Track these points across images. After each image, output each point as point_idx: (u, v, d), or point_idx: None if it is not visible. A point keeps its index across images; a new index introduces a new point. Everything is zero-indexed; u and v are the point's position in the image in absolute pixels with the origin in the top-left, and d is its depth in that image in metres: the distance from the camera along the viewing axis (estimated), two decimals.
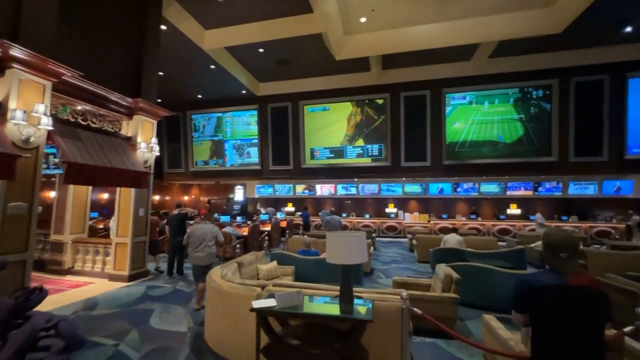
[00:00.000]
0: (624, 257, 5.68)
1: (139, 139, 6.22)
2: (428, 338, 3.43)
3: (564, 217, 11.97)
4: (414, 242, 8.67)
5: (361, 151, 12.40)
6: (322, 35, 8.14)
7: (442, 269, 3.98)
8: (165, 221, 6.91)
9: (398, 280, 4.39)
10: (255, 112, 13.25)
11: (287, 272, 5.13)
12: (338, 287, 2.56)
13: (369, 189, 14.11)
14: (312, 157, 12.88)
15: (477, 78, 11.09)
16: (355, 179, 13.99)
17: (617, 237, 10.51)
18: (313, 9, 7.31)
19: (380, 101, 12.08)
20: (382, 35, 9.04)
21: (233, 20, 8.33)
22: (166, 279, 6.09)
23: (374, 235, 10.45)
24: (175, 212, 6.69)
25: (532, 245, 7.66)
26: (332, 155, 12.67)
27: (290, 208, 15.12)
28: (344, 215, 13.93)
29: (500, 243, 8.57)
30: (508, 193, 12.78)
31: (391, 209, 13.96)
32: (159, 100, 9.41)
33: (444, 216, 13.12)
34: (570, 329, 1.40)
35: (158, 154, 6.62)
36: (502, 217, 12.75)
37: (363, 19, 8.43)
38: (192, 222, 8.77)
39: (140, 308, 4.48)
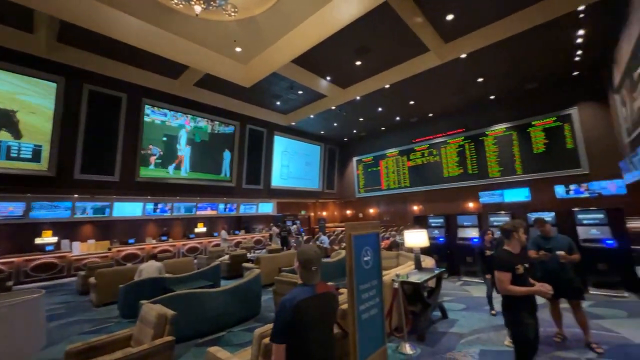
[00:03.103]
0: (276, 258, 8.08)
1: None
2: None
3: (237, 232, 15.03)
4: (92, 280, 6.56)
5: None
6: None
7: (152, 308, 3.26)
8: None
9: (73, 350, 2.95)
10: None
11: None
12: None
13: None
14: None
15: (178, 99, 11.37)
16: None
17: (269, 243, 14.82)
18: None
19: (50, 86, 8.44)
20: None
21: None
22: None
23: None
24: None
25: (220, 259, 8.69)
26: None
27: None
28: None
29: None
30: (198, 213, 13.82)
31: (47, 238, 9.72)
32: None
33: (131, 241, 11.37)
34: (320, 330, 1.63)
35: None
36: (191, 235, 13.41)
37: None
38: None
39: None
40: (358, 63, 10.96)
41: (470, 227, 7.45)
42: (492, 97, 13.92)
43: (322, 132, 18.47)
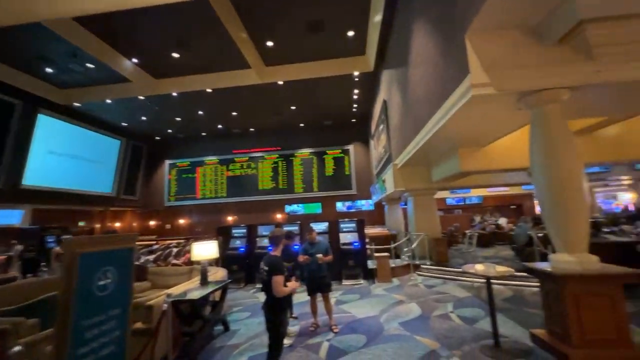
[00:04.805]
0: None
1: None
2: None
3: None
4: None
5: None
6: None
7: None
8: None
9: None
10: None
11: None
12: None
13: None
14: None
15: None
16: None
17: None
18: None
19: None
20: None
21: None
22: None
23: None
24: None
25: None
26: None
27: None
28: None
29: None
30: None
31: None
32: None
33: None
34: None
35: None
36: None
37: None
38: None
39: None
40: (176, 55, 9.83)
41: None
42: (301, 124, 16.45)
43: (124, 124, 15.01)
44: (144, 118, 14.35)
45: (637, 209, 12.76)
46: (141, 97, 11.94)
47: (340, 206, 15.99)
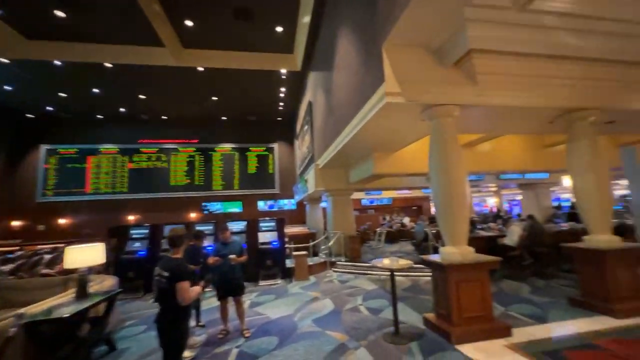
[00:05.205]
0: None
1: None
2: None
3: None
4: None
5: None
6: None
7: None
8: None
9: None
10: None
11: None
12: None
13: None
14: None
15: None
16: None
17: None
18: None
19: None
20: None
21: None
22: None
23: None
24: None
25: None
26: None
27: None
28: None
29: None
30: None
31: None
32: None
33: None
34: None
35: None
36: None
37: None
38: None
39: None
40: (60, 14, 7.92)
41: None
42: (224, 117, 15.42)
43: None
44: (9, 88, 11.13)
45: (498, 210, 16.27)
46: (4, 60, 9.22)
47: (262, 205, 15.57)
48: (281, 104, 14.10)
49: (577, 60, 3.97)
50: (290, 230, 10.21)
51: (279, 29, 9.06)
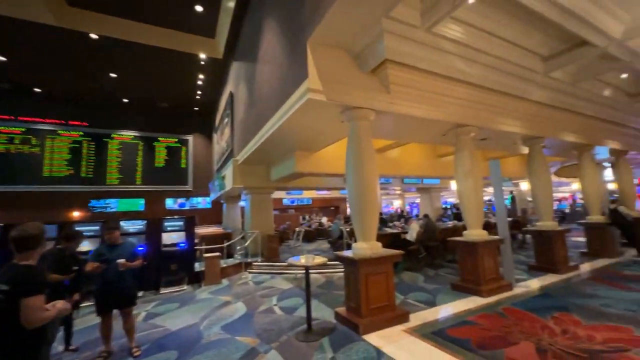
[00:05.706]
0: None
1: None
2: None
3: None
4: None
5: None
6: None
7: None
8: None
9: None
10: None
11: None
12: None
13: None
14: None
15: None
16: None
17: None
18: None
19: None
20: None
21: None
22: None
23: None
24: None
25: None
26: None
27: None
28: None
29: None
30: None
31: None
32: None
33: None
34: None
35: None
36: None
37: None
38: None
39: None
40: None
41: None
42: (125, 100, 13.15)
43: None
44: None
45: (402, 211, 18.53)
46: None
47: (171, 203, 13.85)
48: (199, 92, 12.85)
49: (466, 84, 4.76)
50: (203, 230, 9.34)
51: (199, 8, 8.21)
